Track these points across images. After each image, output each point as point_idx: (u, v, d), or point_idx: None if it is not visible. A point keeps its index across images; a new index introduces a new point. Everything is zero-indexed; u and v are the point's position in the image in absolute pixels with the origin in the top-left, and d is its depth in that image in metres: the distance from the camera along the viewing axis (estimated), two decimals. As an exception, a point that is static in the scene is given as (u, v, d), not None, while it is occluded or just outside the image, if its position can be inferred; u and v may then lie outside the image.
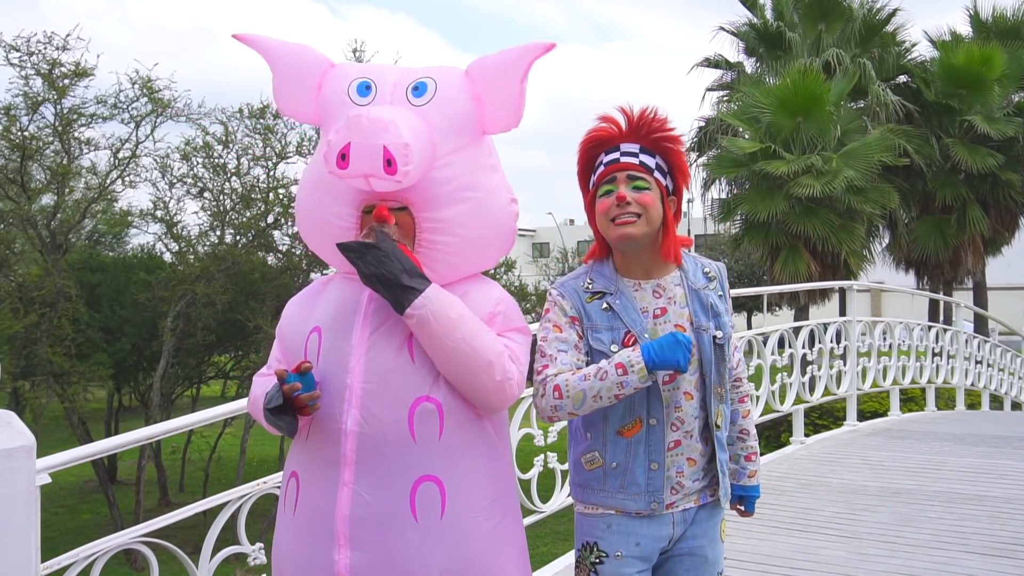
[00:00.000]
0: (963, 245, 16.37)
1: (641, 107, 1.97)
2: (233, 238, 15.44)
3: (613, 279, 1.97)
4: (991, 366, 10.28)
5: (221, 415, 2.97)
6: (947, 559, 3.98)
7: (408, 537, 1.77)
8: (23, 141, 13.98)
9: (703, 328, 1.95)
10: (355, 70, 1.93)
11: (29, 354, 13.71)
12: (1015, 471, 5.69)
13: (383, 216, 1.81)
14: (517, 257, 18.63)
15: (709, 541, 2.01)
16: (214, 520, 2.80)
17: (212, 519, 2.82)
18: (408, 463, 1.79)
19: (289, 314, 2.00)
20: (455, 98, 1.88)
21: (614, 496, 1.95)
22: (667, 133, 1.96)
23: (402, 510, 1.77)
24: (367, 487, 1.78)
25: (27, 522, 1.97)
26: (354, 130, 1.71)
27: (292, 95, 1.97)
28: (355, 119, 1.72)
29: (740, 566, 3.88)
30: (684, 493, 1.96)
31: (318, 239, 1.97)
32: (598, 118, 1.99)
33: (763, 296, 7.57)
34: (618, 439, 1.94)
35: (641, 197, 1.90)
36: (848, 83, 14.57)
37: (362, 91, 1.88)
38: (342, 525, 1.78)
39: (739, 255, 20.55)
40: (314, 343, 1.88)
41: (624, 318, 1.92)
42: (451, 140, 1.86)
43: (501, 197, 1.96)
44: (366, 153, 1.70)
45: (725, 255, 32.06)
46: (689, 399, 1.94)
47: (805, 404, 6.69)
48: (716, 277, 2.04)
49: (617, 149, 1.95)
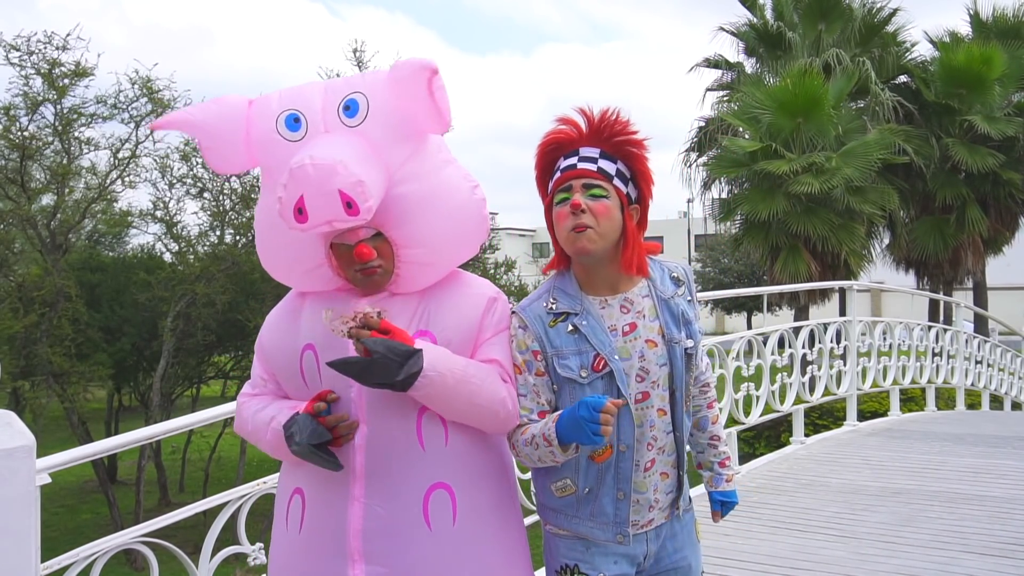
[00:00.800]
0: (963, 245, 16.37)
1: (602, 108, 1.84)
2: (233, 238, 15.44)
3: (578, 297, 1.86)
4: (991, 366, 10.27)
5: (221, 415, 2.96)
6: (947, 559, 3.98)
7: (423, 547, 1.76)
8: (23, 141, 13.97)
9: (675, 340, 1.87)
10: (276, 102, 1.83)
11: (29, 354, 13.71)
12: (1015, 471, 5.69)
13: (365, 255, 1.76)
14: (517, 257, 18.60)
15: (690, 549, 1.98)
16: (214, 520, 2.80)
17: (212, 519, 2.82)
18: (419, 472, 1.78)
19: (271, 331, 1.94)
20: (389, 107, 1.78)
21: (584, 524, 1.87)
22: (629, 137, 1.83)
23: (416, 520, 1.76)
24: (379, 500, 1.76)
25: (27, 522, 1.97)
26: (302, 182, 1.63)
27: (223, 151, 1.85)
28: (300, 171, 1.63)
29: (740, 566, 3.88)
30: (659, 508, 1.92)
31: (288, 276, 1.93)
32: (557, 120, 1.87)
33: (763, 296, 7.57)
34: (590, 464, 1.85)
35: (596, 206, 1.78)
36: (848, 83, 14.57)
37: (291, 125, 1.78)
38: (355, 540, 1.76)
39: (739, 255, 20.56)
40: (311, 361, 1.83)
41: (592, 340, 1.82)
42: (398, 151, 1.78)
43: (462, 189, 1.87)
44: (322, 203, 1.63)
45: (725, 255, 32.10)
46: (662, 415, 1.87)
47: (805, 404, 6.69)
48: (684, 281, 1.96)
49: (576, 154, 1.83)
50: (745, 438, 12.63)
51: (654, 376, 1.85)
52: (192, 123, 1.84)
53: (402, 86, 1.76)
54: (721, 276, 32.90)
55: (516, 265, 17.42)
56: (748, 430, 7.09)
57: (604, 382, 1.82)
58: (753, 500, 4.97)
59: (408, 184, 1.79)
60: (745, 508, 4.79)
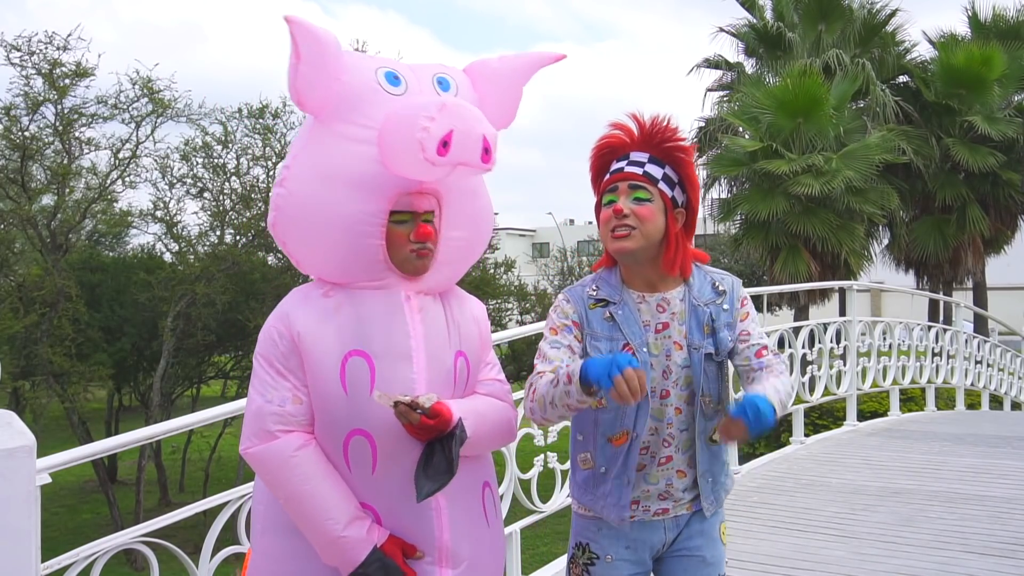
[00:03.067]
0: (963, 245, 16.37)
1: (652, 115, 1.94)
2: (233, 238, 15.45)
3: (619, 289, 1.94)
4: (991, 366, 10.27)
5: (221, 415, 2.96)
6: (947, 559, 3.98)
7: (485, 542, 1.89)
8: (23, 141, 13.98)
9: (695, 346, 1.92)
10: (370, 60, 1.87)
11: (29, 354, 13.72)
12: (1015, 471, 5.69)
13: (427, 234, 1.77)
14: (517, 257, 18.61)
15: (706, 541, 2.00)
16: (214, 520, 2.79)
17: (212, 519, 2.81)
18: (474, 473, 1.89)
19: (310, 331, 1.76)
20: (470, 96, 1.89)
21: (598, 502, 1.97)
22: (677, 143, 1.92)
23: (479, 519, 1.89)
24: (456, 506, 1.83)
25: (27, 522, 1.97)
26: (456, 118, 1.65)
27: (319, 84, 1.75)
28: (455, 107, 1.67)
29: (740, 566, 3.88)
30: (676, 501, 1.97)
31: (329, 237, 1.76)
32: (610, 124, 1.97)
33: (763, 296, 7.56)
34: (607, 445, 1.94)
35: (640, 209, 1.87)
36: (851, 86, 14.59)
37: (392, 80, 1.80)
38: (445, 549, 1.81)
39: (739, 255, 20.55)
40: (362, 369, 1.73)
41: (624, 329, 1.90)
42: None
43: (487, 193, 1.99)
44: (468, 141, 1.66)
45: (725, 255, 32.07)
46: (679, 414, 1.93)
47: (805, 404, 6.69)
48: (726, 292, 1.98)
49: (626, 158, 1.93)
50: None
51: (676, 376, 1.92)
52: (322, 41, 1.73)
53: (505, 73, 1.92)
54: (721, 276, 32.80)
55: (516, 265, 17.43)
56: (748, 430, 7.09)
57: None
58: (753, 500, 4.97)
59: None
60: (745, 508, 4.79)
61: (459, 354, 1.87)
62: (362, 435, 1.74)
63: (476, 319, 1.95)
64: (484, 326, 1.97)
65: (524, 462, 3.81)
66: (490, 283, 16.02)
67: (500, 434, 1.92)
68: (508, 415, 1.94)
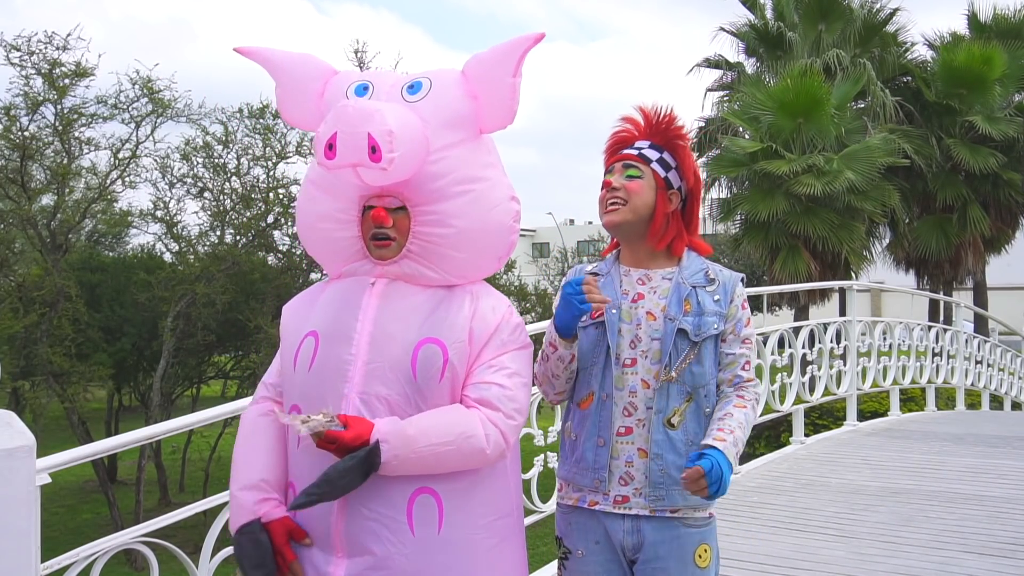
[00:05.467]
0: (964, 245, 16.36)
1: (654, 105, 2.06)
2: (233, 238, 15.44)
3: (613, 264, 2.08)
4: (991, 366, 10.28)
5: (221, 415, 2.96)
6: (947, 559, 3.98)
7: (405, 551, 1.75)
8: (23, 141, 13.96)
9: (670, 318, 1.96)
10: (356, 76, 1.95)
11: (29, 354, 13.71)
12: (1015, 471, 5.69)
13: (381, 218, 1.81)
14: (517, 257, 18.60)
15: (675, 563, 1.93)
16: (214, 520, 2.79)
17: (212, 519, 2.81)
18: (401, 478, 1.76)
19: (287, 318, 1.97)
20: (449, 95, 1.87)
21: (571, 468, 2.02)
22: (675, 129, 2.04)
23: (399, 523, 1.75)
24: (365, 500, 1.75)
25: (27, 522, 1.97)
26: (340, 119, 1.70)
27: (295, 104, 1.96)
28: (341, 109, 1.72)
29: (740, 566, 3.88)
30: (636, 489, 1.94)
31: (314, 234, 1.96)
32: (620, 119, 2.10)
33: (763, 296, 7.56)
34: (576, 410, 2.02)
35: (629, 184, 1.99)
36: (852, 87, 14.58)
37: (359, 91, 1.88)
38: (339, 538, 1.77)
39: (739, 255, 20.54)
40: (308, 349, 1.83)
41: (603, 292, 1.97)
42: (445, 135, 1.84)
43: (499, 192, 1.91)
44: (351, 142, 1.68)
45: (725, 255, 32.06)
46: (645, 387, 1.95)
47: (805, 404, 6.69)
48: (717, 281, 2.01)
49: (632, 146, 2.06)
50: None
51: (645, 346, 1.96)
52: (273, 62, 1.96)
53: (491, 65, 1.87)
54: (721, 276, 32.82)
55: (516, 265, 17.43)
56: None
57: (598, 331, 1.98)
58: (753, 500, 4.97)
59: (442, 164, 1.83)
60: (745, 508, 4.80)
61: (425, 341, 1.79)
62: (296, 412, 1.84)
63: (481, 315, 1.84)
64: (492, 323, 1.85)
65: (524, 462, 3.78)
66: (490, 283, 16.01)
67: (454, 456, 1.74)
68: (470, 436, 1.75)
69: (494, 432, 1.78)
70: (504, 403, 1.80)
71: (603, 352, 1.97)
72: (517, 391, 1.83)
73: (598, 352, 1.97)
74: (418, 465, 1.74)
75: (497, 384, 1.81)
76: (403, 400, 1.77)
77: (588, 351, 1.98)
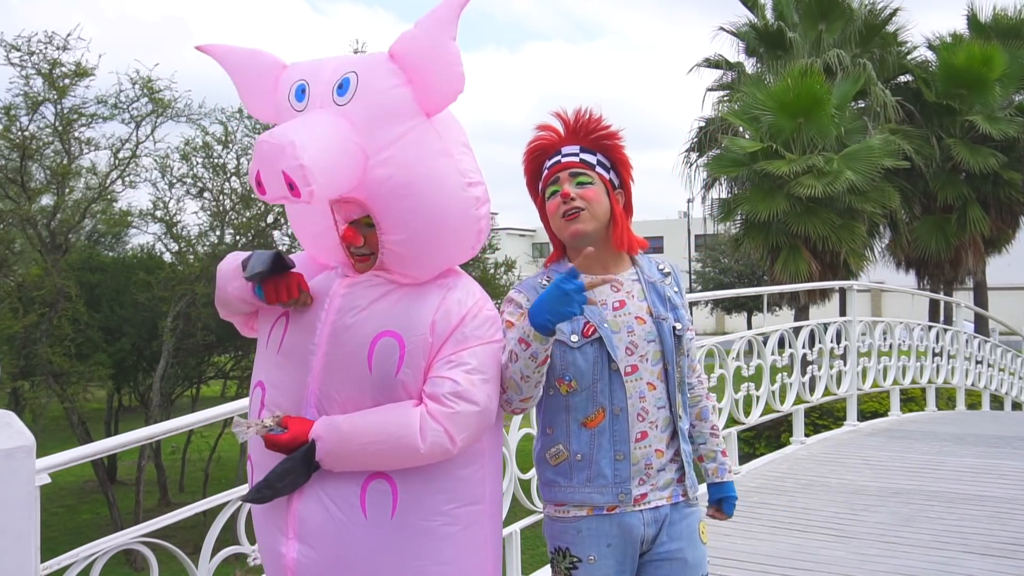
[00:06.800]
0: (964, 245, 16.38)
1: (575, 109, 2.02)
2: (233, 238, 15.44)
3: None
4: (991, 366, 10.28)
5: (221, 415, 2.96)
6: (947, 559, 3.98)
7: (357, 535, 1.76)
8: (23, 141, 13.97)
9: (662, 318, 1.98)
10: (297, 71, 1.88)
11: (29, 354, 13.71)
12: (1015, 471, 5.69)
13: (350, 239, 1.82)
14: (517, 257, 18.60)
15: (688, 543, 1.98)
16: (214, 520, 2.80)
17: (212, 519, 2.82)
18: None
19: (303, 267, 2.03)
20: (378, 89, 1.77)
21: (581, 491, 1.93)
22: (604, 131, 2.00)
23: (352, 507, 1.77)
24: (323, 483, 1.78)
25: (27, 522, 1.97)
26: (259, 158, 1.70)
27: (252, 99, 1.97)
28: (258, 147, 1.70)
29: (740, 566, 3.88)
30: (653, 484, 1.95)
31: (316, 248, 1.99)
32: (536, 127, 2.05)
33: (763, 296, 7.57)
34: (582, 430, 1.93)
35: (584, 192, 1.95)
36: (853, 87, 14.57)
37: (299, 95, 1.84)
38: (292, 519, 1.80)
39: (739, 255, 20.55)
40: (279, 329, 1.90)
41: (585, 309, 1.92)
42: (381, 135, 1.76)
43: (450, 183, 1.81)
44: (271, 180, 1.68)
45: (725, 255, 32.08)
46: (652, 389, 1.96)
47: (805, 404, 6.69)
48: (671, 273, 2.09)
49: (558, 153, 2.00)
50: (745, 438, 12.62)
51: (643, 350, 1.95)
52: (228, 59, 1.96)
53: (422, 39, 1.78)
54: (721, 276, 32.88)
55: (516, 265, 17.42)
56: (748, 430, 7.09)
57: (595, 348, 1.92)
58: (753, 500, 4.97)
59: (389, 168, 1.77)
60: (745, 508, 4.79)
61: (384, 334, 1.78)
62: (259, 388, 1.92)
63: (445, 309, 1.81)
64: (455, 317, 1.81)
65: (524, 462, 3.79)
66: (490, 283, 16.01)
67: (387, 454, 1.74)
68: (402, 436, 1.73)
69: (436, 430, 1.74)
70: (452, 400, 1.75)
71: (605, 367, 1.93)
72: (474, 388, 1.77)
73: (599, 368, 1.93)
74: (352, 462, 1.76)
75: (451, 379, 1.77)
76: (359, 393, 1.79)
77: (587, 370, 1.93)
